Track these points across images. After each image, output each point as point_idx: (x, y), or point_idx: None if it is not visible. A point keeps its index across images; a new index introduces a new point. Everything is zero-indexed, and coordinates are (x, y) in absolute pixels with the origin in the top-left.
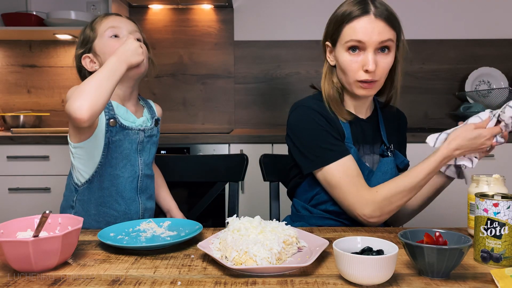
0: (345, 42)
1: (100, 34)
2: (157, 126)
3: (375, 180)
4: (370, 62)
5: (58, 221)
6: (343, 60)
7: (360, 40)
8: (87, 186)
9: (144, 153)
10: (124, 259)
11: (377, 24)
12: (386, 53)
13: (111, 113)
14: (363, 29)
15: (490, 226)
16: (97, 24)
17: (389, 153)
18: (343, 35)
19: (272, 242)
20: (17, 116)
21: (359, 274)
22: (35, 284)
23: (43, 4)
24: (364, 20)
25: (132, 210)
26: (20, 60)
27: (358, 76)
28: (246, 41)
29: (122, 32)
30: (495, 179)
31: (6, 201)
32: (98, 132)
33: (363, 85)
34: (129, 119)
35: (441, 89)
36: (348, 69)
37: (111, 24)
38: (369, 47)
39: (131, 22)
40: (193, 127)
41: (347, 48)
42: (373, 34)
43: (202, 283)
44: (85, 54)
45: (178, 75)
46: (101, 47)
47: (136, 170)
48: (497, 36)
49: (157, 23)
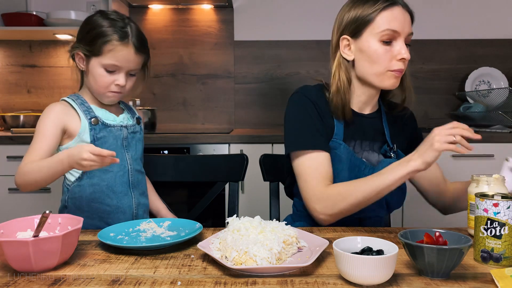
0: (380, 32)
1: (101, 59)
2: (139, 124)
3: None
4: (403, 52)
5: (58, 221)
6: (375, 50)
7: (396, 29)
8: (77, 184)
9: (130, 148)
10: (124, 259)
11: (406, 15)
12: (408, 45)
13: (91, 114)
14: (398, 19)
15: (490, 226)
16: (107, 48)
17: (392, 153)
18: (376, 24)
19: (272, 242)
20: (17, 116)
21: (359, 274)
22: (35, 284)
23: (43, 4)
24: (398, 9)
25: (124, 204)
26: (20, 60)
27: (391, 65)
28: (246, 41)
29: (120, 70)
30: (495, 179)
31: (6, 201)
32: (82, 132)
33: (396, 73)
34: (109, 118)
35: (441, 89)
36: (381, 58)
37: (115, 62)
38: (401, 37)
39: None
40: (193, 127)
41: (380, 38)
42: (405, 24)
43: (202, 283)
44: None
45: (178, 75)
46: (94, 68)
47: (125, 164)
48: (497, 36)
49: (157, 23)
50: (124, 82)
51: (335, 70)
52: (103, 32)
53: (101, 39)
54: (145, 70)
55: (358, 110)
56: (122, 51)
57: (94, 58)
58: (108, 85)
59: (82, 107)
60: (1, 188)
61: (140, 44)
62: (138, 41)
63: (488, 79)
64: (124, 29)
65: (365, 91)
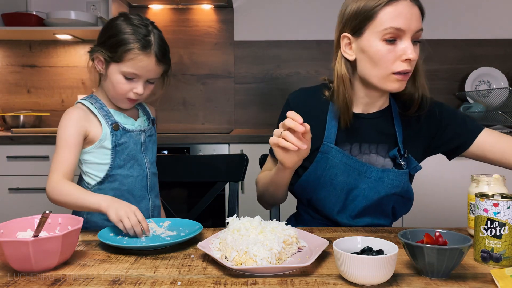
0: (382, 30)
1: (120, 66)
2: (154, 126)
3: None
4: (410, 52)
5: (58, 221)
6: (377, 50)
7: (400, 27)
8: (97, 187)
9: (148, 152)
10: (124, 259)
11: (414, 10)
12: (417, 45)
13: (111, 119)
14: (403, 15)
15: (490, 226)
16: (128, 56)
17: (402, 161)
18: (378, 21)
19: (272, 242)
20: (17, 116)
21: (359, 274)
22: (35, 284)
23: (43, 4)
24: (403, 4)
25: (142, 208)
26: (20, 60)
27: (395, 67)
28: (246, 41)
29: (139, 79)
30: (495, 179)
31: (6, 201)
32: (103, 138)
33: (398, 77)
34: (128, 122)
35: (441, 89)
36: (383, 59)
37: (135, 71)
38: (407, 35)
39: (160, 68)
40: (193, 127)
41: (383, 37)
42: (412, 20)
43: (202, 283)
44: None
45: (178, 75)
46: (112, 75)
47: (144, 169)
48: (497, 36)
49: (157, 23)
50: (142, 91)
51: (336, 69)
52: (125, 39)
53: (123, 47)
54: (164, 78)
55: (362, 111)
56: (143, 61)
57: (113, 64)
58: (125, 92)
59: (101, 111)
60: (1, 188)
61: (162, 54)
62: (160, 51)
63: (488, 79)
64: (147, 38)
65: (368, 93)
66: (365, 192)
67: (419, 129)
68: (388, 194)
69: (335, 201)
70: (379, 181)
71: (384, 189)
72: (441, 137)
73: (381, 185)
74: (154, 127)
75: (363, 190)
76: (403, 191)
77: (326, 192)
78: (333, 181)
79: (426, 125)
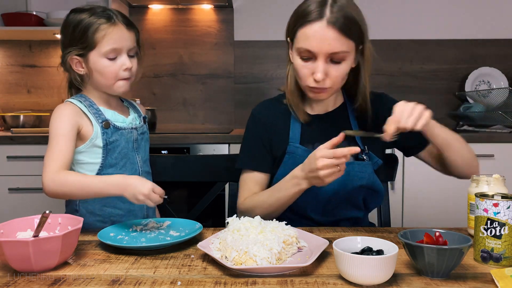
0: (298, 48)
1: (98, 49)
2: (145, 124)
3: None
4: (318, 73)
5: (58, 221)
6: (296, 63)
7: (310, 50)
8: None
9: (140, 150)
10: (124, 259)
11: (329, 33)
12: (339, 63)
13: (102, 117)
14: (313, 38)
15: (490, 226)
16: (99, 34)
17: (364, 155)
18: (297, 39)
19: (272, 242)
20: (17, 116)
21: (359, 274)
22: (35, 284)
23: (43, 4)
24: (316, 26)
25: (136, 207)
26: (20, 60)
27: (309, 82)
28: (246, 41)
29: (120, 52)
30: (495, 179)
31: (6, 201)
32: (95, 136)
33: (313, 90)
34: (118, 120)
35: (441, 89)
36: (299, 73)
37: (113, 46)
38: (320, 56)
39: (131, 34)
40: (193, 127)
41: (299, 54)
42: (323, 44)
43: (202, 283)
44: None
45: (178, 75)
46: (96, 63)
47: (136, 167)
48: (497, 36)
49: (157, 23)
50: (130, 64)
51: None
52: (88, 23)
53: (90, 29)
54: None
55: (319, 112)
56: (114, 31)
57: (91, 53)
58: (116, 74)
59: (91, 109)
60: (1, 188)
61: (127, 20)
62: (124, 18)
63: (488, 79)
64: (106, 12)
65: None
66: (334, 186)
67: (375, 123)
68: (356, 187)
69: (305, 199)
70: (345, 175)
71: (351, 182)
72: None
73: (347, 178)
74: (146, 125)
75: (332, 184)
76: (369, 182)
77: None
78: None
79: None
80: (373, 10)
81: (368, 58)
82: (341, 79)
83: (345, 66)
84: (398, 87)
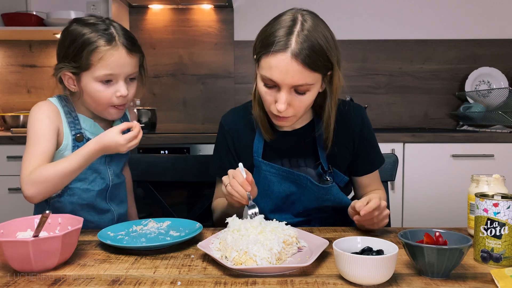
0: (261, 75)
1: (92, 72)
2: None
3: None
4: (280, 104)
5: (58, 221)
6: (259, 88)
7: (272, 79)
8: (57, 199)
9: (113, 164)
10: (124, 259)
11: (292, 66)
12: (303, 94)
13: (77, 127)
14: (277, 69)
15: (490, 226)
16: (95, 57)
17: (328, 177)
18: (260, 66)
19: (272, 242)
20: (17, 116)
21: (359, 274)
22: (35, 284)
23: (43, 4)
24: (279, 58)
25: (105, 219)
26: (20, 60)
27: (272, 108)
28: (246, 41)
29: (117, 78)
30: (495, 179)
31: (6, 201)
32: (63, 148)
33: (276, 117)
34: (96, 132)
35: (441, 89)
36: (263, 98)
37: (108, 71)
38: (283, 87)
39: (133, 59)
40: (193, 127)
41: (264, 81)
42: (286, 76)
43: (202, 283)
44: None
45: (178, 75)
46: (87, 85)
47: (107, 182)
48: (497, 36)
49: (157, 23)
50: (126, 92)
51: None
52: (86, 40)
53: (87, 49)
54: (141, 71)
55: (286, 128)
56: (113, 55)
57: (84, 73)
58: (108, 100)
59: (68, 117)
60: (1, 188)
61: (131, 43)
62: (127, 40)
63: (488, 79)
64: (108, 31)
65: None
66: (302, 197)
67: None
68: (321, 206)
69: (273, 208)
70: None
71: (316, 201)
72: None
73: (312, 196)
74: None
75: (299, 195)
76: (336, 203)
77: (266, 202)
78: (267, 191)
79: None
80: (373, 10)
81: (336, 85)
82: (304, 108)
83: (309, 96)
84: (398, 87)
